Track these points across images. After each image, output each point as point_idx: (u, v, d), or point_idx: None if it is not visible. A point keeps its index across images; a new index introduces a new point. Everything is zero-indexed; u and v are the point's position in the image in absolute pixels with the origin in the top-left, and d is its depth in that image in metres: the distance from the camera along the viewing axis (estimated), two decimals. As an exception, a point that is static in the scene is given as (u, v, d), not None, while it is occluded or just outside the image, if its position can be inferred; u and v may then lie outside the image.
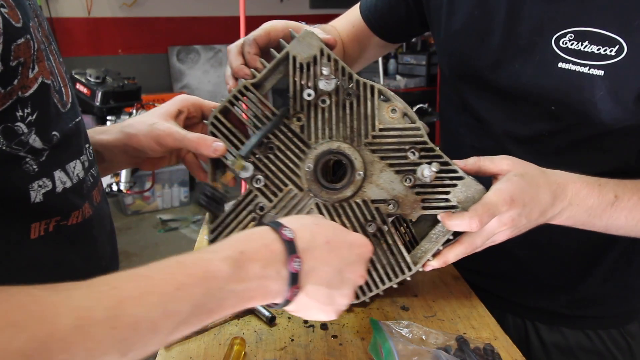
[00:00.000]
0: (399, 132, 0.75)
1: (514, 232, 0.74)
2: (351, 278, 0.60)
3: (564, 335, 1.04)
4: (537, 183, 0.74)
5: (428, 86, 5.00)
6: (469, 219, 0.69)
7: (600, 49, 0.79)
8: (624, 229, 0.81)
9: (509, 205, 0.70)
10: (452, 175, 0.75)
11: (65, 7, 4.77)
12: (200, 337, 0.87)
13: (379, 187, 0.75)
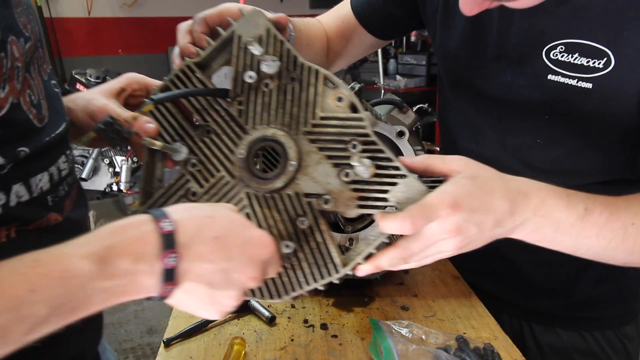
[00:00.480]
0: (341, 122, 0.68)
1: (465, 243, 0.64)
2: (239, 279, 0.54)
3: (559, 336, 1.03)
4: (490, 188, 0.65)
5: (428, 86, 5.00)
6: (401, 219, 0.61)
7: (590, 61, 0.78)
8: (596, 249, 0.71)
9: (451, 209, 0.61)
10: (393, 172, 0.67)
11: (65, 7, 4.76)
12: (200, 337, 0.87)
13: (314, 180, 0.69)
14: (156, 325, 2.94)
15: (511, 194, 0.66)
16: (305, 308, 0.96)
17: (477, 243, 0.66)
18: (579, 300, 1.01)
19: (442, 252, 0.65)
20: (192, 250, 0.50)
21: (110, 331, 2.90)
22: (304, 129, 0.70)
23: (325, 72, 0.70)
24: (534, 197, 0.67)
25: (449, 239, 0.63)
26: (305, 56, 1.06)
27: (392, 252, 0.65)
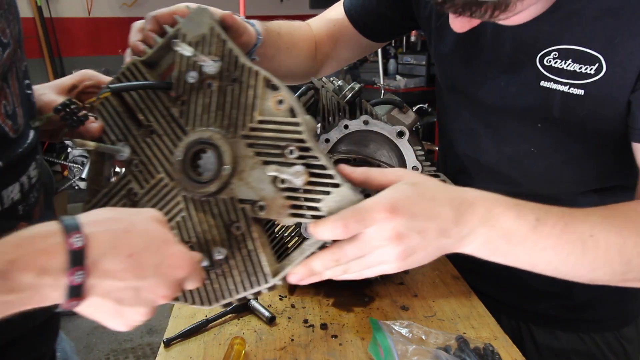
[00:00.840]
0: (278, 126, 0.65)
1: (408, 253, 0.60)
2: (149, 297, 0.52)
3: (558, 338, 1.03)
4: (432, 195, 0.63)
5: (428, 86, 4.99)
6: (332, 222, 0.59)
7: (582, 67, 0.78)
8: (555, 264, 0.67)
9: (388, 213, 0.58)
10: (326, 181, 0.64)
11: (65, 7, 4.76)
12: (200, 337, 0.87)
13: (248, 185, 0.66)
14: (156, 325, 2.94)
15: (455, 202, 0.63)
16: (305, 308, 0.96)
17: (423, 255, 0.62)
18: (578, 302, 1.01)
19: (384, 262, 0.61)
20: (102, 268, 0.48)
21: (110, 331, 2.90)
22: (241, 132, 0.67)
23: (266, 73, 0.67)
24: (479, 205, 0.64)
25: (389, 247, 0.59)
26: (284, 59, 1.06)
27: (325, 254, 0.62)
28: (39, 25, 4.51)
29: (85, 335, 2.87)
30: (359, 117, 0.93)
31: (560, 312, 1.02)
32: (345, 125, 0.93)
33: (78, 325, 2.95)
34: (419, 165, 0.93)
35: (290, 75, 1.12)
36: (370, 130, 0.93)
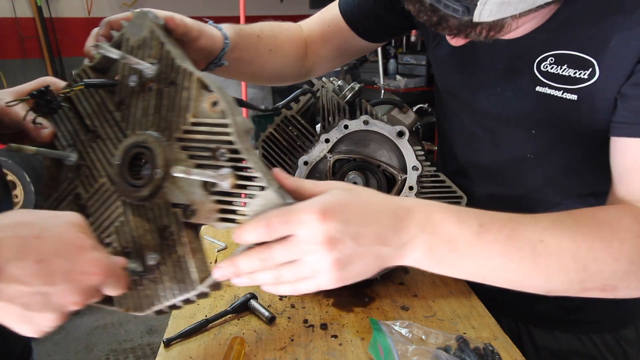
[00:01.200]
0: (209, 127, 0.63)
1: (343, 262, 0.57)
2: (59, 304, 0.51)
3: (557, 338, 1.03)
4: (367, 200, 0.60)
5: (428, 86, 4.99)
6: (255, 221, 0.56)
7: (576, 72, 0.78)
8: (506, 273, 0.63)
9: (319, 215, 0.55)
10: (253, 184, 0.61)
11: (65, 7, 4.76)
12: (200, 337, 0.87)
13: (181, 189, 0.64)
14: (156, 325, 2.94)
15: (392, 207, 0.60)
16: (305, 308, 0.96)
17: (361, 266, 0.59)
18: (577, 303, 1.00)
19: (319, 271, 0.57)
20: (8, 273, 0.48)
21: (110, 331, 2.90)
22: (175, 135, 0.65)
23: (200, 74, 0.65)
24: (417, 211, 0.61)
25: (321, 253, 0.56)
26: (266, 62, 1.07)
27: (251, 251, 0.58)
28: (39, 25, 4.51)
29: (85, 335, 2.87)
30: (359, 117, 0.93)
31: (559, 313, 1.02)
32: (345, 125, 0.93)
33: (78, 325, 2.95)
34: (419, 165, 0.93)
35: (277, 77, 1.12)
36: (370, 130, 0.93)
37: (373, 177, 0.97)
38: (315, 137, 0.95)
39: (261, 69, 1.06)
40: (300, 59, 1.13)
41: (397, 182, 0.94)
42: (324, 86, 0.94)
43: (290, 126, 0.95)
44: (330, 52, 1.16)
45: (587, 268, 0.63)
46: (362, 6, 1.08)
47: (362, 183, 0.94)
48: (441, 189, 0.94)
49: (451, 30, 0.65)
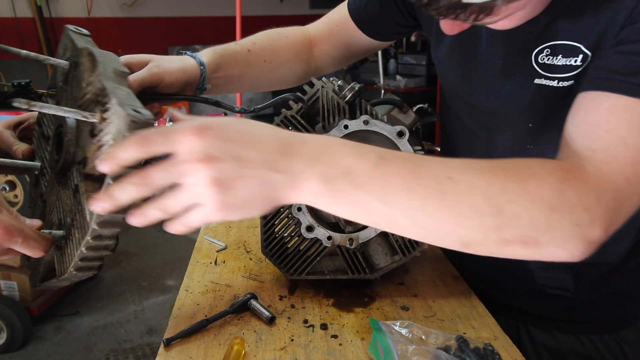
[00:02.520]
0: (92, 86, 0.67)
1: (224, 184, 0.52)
2: None
3: (557, 339, 1.03)
4: (256, 125, 0.57)
5: (428, 86, 5.00)
6: (129, 140, 0.53)
7: (570, 59, 0.77)
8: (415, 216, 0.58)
9: (197, 130, 0.52)
10: (108, 107, 0.59)
11: (65, 7, 4.76)
12: (200, 337, 0.87)
13: (82, 149, 0.67)
14: (156, 325, 2.94)
15: (283, 134, 0.57)
16: (305, 308, 0.96)
17: (245, 191, 0.53)
18: (577, 303, 1.01)
19: (199, 194, 0.53)
20: None
21: (110, 331, 2.91)
22: (79, 103, 0.70)
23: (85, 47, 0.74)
24: (311, 141, 0.57)
25: (199, 172, 0.51)
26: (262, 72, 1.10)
27: (126, 178, 0.54)
28: (39, 25, 4.51)
29: (85, 335, 2.87)
30: (359, 117, 0.93)
31: (559, 313, 1.02)
32: (345, 125, 0.93)
33: (78, 325, 2.95)
34: (419, 165, 0.93)
35: (278, 83, 1.15)
36: (370, 130, 0.93)
37: (373, 177, 0.97)
38: (315, 137, 0.95)
39: (257, 80, 1.09)
40: (303, 61, 1.15)
41: (397, 182, 0.94)
42: (323, 86, 0.94)
43: (290, 126, 0.95)
44: (338, 51, 1.18)
45: (502, 210, 0.58)
46: (369, 5, 1.10)
47: (362, 183, 0.94)
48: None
49: (440, 11, 0.62)
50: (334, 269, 1.03)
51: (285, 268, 1.00)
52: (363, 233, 0.97)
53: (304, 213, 0.96)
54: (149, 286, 3.41)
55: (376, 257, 1.00)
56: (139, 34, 5.12)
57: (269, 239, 1.00)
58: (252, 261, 1.14)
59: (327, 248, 0.98)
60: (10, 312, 2.68)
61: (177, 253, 3.84)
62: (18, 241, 0.62)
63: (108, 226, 0.61)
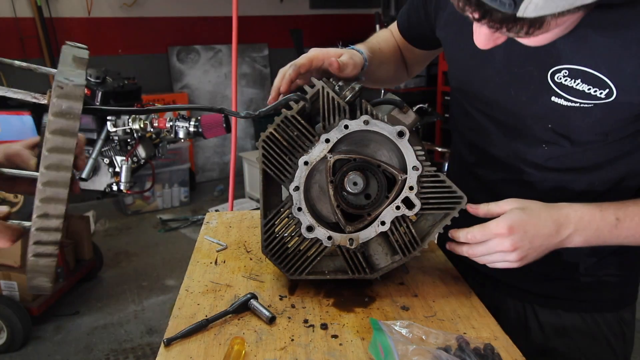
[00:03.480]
0: None
1: (522, 254, 0.86)
2: None
3: (561, 317, 1.06)
4: (537, 215, 0.86)
5: (428, 86, 5.00)
6: (466, 232, 0.89)
7: (591, 89, 0.82)
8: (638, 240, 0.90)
9: (507, 231, 0.85)
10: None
11: (65, 7, 4.76)
12: (200, 337, 0.87)
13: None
14: (156, 325, 2.94)
15: (553, 216, 0.87)
16: (305, 308, 0.96)
17: (534, 256, 0.88)
18: (581, 283, 1.05)
19: (507, 261, 0.89)
20: None
21: (110, 331, 2.90)
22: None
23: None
24: (572, 216, 0.87)
25: (509, 253, 0.87)
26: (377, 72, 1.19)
27: (462, 246, 0.92)
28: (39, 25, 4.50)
29: (85, 335, 2.87)
30: (359, 117, 0.93)
31: (564, 293, 1.06)
32: (346, 125, 0.93)
33: (78, 325, 2.95)
34: (419, 165, 0.93)
35: (384, 83, 1.30)
36: (371, 130, 0.93)
37: (373, 177, 0.97)
38: (315, 137, 0.95)
39: (382, 76, 1.22)
40: (402, 64, 1.29)
41: (397, 182, 0.94)
42: (324, 86, 0.94)
43: (291, 126, 0.95)
44: (408, 58, 1.30)
45: None
46: (411, 17, 1.19)
47: (363, 183, 0.94)
48: (441, 189, 0.94)
49: (494, 23, 0.69)
50: (334, 269, 1.03)
51: (285, 268, 1.00)
52: (363, 233, 0.97)
53: (304, 213, 0.96)
54: (149, 286, 3.41)
55: (376, 257, 1.00)
56: (139, 34, 5.11)
57: (269, 239, 1.00)
58: (252, 261, 1.14)
59: (328, 248, 0.98)
60: (10, 312, 2.68)
61: (177, 253, 3.84)
62: None
63: (52, 202, 0.63)
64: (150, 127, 1.71)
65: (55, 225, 0.65)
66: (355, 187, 0.95)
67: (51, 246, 0.67)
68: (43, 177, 0.62)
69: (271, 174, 0.97)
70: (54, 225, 0.65)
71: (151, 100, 3.96)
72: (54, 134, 0.61)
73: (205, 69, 5.40)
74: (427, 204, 0.95)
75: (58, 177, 0.62)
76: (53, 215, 0.64)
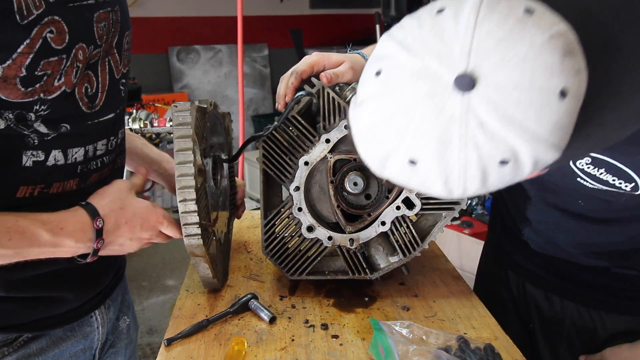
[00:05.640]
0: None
1: None
2: (136, 244, 0.85)
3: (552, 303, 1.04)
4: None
5: (428, 86, 4.99)
6: None
7: (616, 180, 0.77)
8: None
9: None
10: None
11: (65, 7, 4.77)
12: (200, 337, 0.87)
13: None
14: (156, 325, 2.94)
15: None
16: (305, 308, 0.96)
17: None
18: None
19: None
20: (112, 233, 0.80)
21: (110, 331, 2.90)
22: None
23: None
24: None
25: None
26: None
27: None
28: (38, 25, 4.51)
29: (85, 335, 2.87)
30: (359, 117, 0.93)
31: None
32: (346, 125, 0.93)
33: (78, 325, 2.95)
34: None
35: None
36: (371, 130, 0.93)
37: (373, 177, 0.97)
38: (315, 137, 0.95)
39: None
40: None
41: (398, 182, 0.94)
42: (324, 86, 0.94)
43: (291, 126, 0.95)
44: None
45: None
46: None
47: (363, 183, 0.94)
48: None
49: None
50: (334, 269, 1.03)
51: (285, 268, 1.00)
52: (364, 233, 0.97)
53: (304, 213, 0.96)
54: (149, 286, 3.41)
55: (377, 258, 1.00)
56: (139, 33, 5.12)
57: (269, 239, 1.00)
58: (252, 261, 1.14)
59: (328, 248, 0.98)
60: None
61: (177, 253, 3.84)
62: (165, 224, 0.86)
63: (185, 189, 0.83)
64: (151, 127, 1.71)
65: (192, 208, 0.83)
66: (355, 187, 0.95)
67: (194, 226, 0.84)
68: (177, 171, 0.82)
69: (271, 174, 0.97)
70: (191, 208, 0.83)
71: (151, 100, 3.96)
72: (178, 139, 0.83)
73: (205, 69, 5.39)
74: (427, 204, 0.95)
75: (185, 169, 0.82)
76: (189, 199, 0.83)
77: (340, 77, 0.96)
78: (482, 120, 0.44)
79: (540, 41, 0.43)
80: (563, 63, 0.43)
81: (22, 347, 0.83)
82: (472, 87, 0.43)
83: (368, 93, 0.51)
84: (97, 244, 0.77)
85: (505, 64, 0.43)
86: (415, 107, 0.46)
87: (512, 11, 0.44)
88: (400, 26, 0.49)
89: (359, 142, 0.55)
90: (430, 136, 0.46)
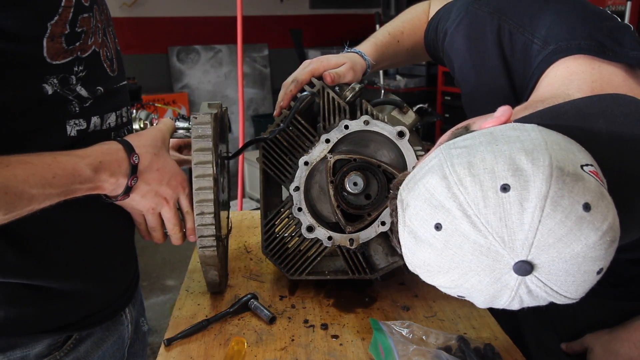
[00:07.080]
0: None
1: None
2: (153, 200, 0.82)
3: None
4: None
5: (428, 86, 4.99)
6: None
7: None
8: None
9: None
10: None
11: (65, 7, 4.76)
12: (200, 337, 0.87)
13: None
14: (156, 325, 2.93)
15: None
16: (305, 308, 0.96)
17: None
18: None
19: None
20: (144, 175, 0.78)
21: (110, 331, 2.90)
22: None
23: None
24: None
25: None
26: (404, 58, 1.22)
27: None
28: (38, 25, 4.51)
29: (85, 336, 2.87)
30: (359, 118, 0.93)
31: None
32: (346, 125, 0.93)
33: (78, 326, 2.95)
34: (419, 166, 0.93)
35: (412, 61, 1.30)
36: (371, 130, 0.93)
37: (373, 177, 0.97)
38: (315, 137, 0.95)
39: (397, 63, 1.24)
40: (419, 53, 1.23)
41: (398, 182, 0.94)
42: (324, 86, 0.94)
43: (291, 126, 0.95)
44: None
45: None
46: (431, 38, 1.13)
47: (363, 183, 0.94)
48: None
49: None
50: (334, 269, 1.03)
51: (285, 268, 1.00)
52: (364, 233, 0.97)
53: (304, 213, 0.96)
54: (149, 286, 3.40)
55: (376, 258, 1.00)
56: (139, 34, 5.11)
57: (269, 239, 1.00)
58: (252, 261, 1.14)
59: (328, 248, 0.98)
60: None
61: (177, 253, 3.84)
62: (186, 191, 0.85)
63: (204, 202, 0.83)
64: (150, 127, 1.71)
65: (209, 222, 0.83)
66: (355, 187, 0.95)
67: (210, 239, 0.84)
68: (195, 184, 0.83)
69: (271, 174, 0.97)
70: (208, 221, 0.83)
71: (151, 100, 3.96)
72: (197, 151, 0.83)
73: (205, 69, 5.39)
74: None
75: (204, 182, 0.82)
76: (207, 213, 0.83)
77: (342, 78, 0.97)
78: (531, 289, 0.52)
79: (593, 241, 0.50)
80: (607, 251, 0.51)
81: (72, 350, 0.81)
82: (529, 273, 0.51)
83: (426, 238, 0.55)
84: (131, 182, 0.76)
85: (561, 258, 0.50)
86: (475, 272, 0.53)
87: (574, 208, 0.49)
88: (459, 181, 0.52)
89: (409, 263, 0.60)
90: (484, 294, 0.54)
